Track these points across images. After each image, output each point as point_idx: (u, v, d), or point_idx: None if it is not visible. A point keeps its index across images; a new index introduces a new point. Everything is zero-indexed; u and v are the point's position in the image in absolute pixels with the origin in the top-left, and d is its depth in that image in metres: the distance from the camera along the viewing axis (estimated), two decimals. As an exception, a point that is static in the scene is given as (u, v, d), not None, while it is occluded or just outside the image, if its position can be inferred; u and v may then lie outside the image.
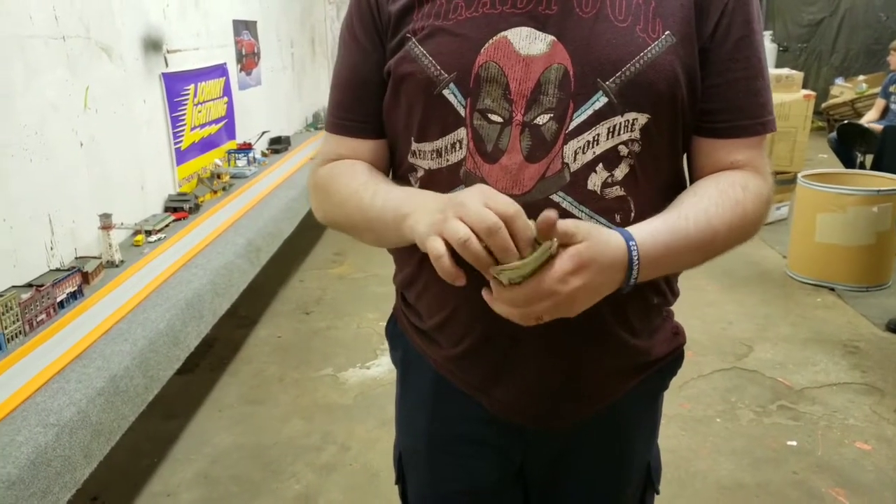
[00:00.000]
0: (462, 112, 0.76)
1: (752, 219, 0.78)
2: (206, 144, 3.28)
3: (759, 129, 0.80)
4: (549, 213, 0.63)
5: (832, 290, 3.50)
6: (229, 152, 3.52)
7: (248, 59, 3.85)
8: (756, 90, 0.79)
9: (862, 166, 4.96)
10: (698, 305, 3.31)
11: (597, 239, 0.67)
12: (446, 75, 0.75)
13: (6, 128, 1.91)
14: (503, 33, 0.74)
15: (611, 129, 0.74)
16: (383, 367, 2.76)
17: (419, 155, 0.80)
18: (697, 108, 0.78)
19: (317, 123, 5.09)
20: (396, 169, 0.86)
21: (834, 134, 5.35)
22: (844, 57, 9.01)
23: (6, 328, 1.69)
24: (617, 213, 0.76)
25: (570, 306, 0.68)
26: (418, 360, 0.94)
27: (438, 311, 0.86)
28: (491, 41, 0.74)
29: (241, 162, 3.56)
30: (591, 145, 0.74)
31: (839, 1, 9.21)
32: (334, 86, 0.89)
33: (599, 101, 0.73)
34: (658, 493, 1.01)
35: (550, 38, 0.73)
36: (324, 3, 5.73)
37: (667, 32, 0.73)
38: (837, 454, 2.20)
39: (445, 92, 0.76)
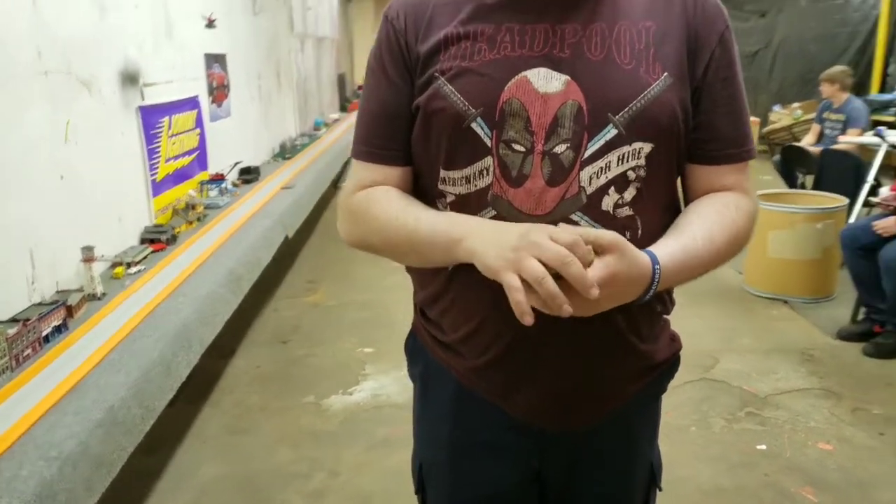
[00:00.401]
0: (489, 143, 0.84)
1: (745, 234, 0.90)
2: (180, 176, 3.30)
3: (744, 155, 0.91)
4: (612, 237, 0.75)
5: (785, 302, 3.69)
6: (202, 183, 3.54)
7: (218, 91, 3.88)
8: (740, 123, 0.90)
9: (803, 186, 5.25)
10: (664, 322, 3.44)
11: (629, 255, 0.76)
12: (474, 110, 0.84)
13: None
14: (523, 73, 0.83)
15: (620, 157, 0.83)
16: (366, 393, 2.80)
17: (448, 182, 0.88)
18: (691, 138, 0.89)
19: (284, 153, 5.13)
20: (424, 195, 0.93)
21: (778, 156, 5.65)
22: (780, 85, 9.49)
23: (-3, 363, 1.68)
24: (627, 230, 0.85)
25: (593, 308, 0.77)
26: (439, 372, 1.01)
27: (464, 325, 0.93)
28: (513, 80, 0.83)
29: (214, 192, 3.58)
30: (603, 171, 0.83)
31: (773, 33, 9.74)
32: (363, 115, 0.96)
33: (610, 132, 0.82)
34: (661, 490, 1.09)
35: (565, 77, 0.83)
36: (288, 37, 5.80)
37: (665, 74, 0.84)
38: (803, 455, 2.33)
39: (473, 125, 0.84)
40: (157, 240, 2.78)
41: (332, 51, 8.53)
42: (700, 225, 0.86)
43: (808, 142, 5.45)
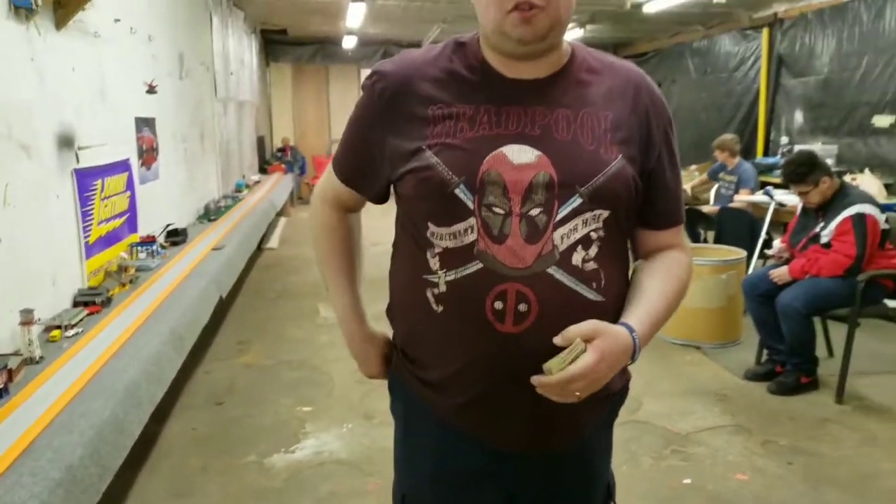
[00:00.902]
0: (471, 206, 0.99)
1: (687, 283, 1.11)
2: (111, 238, 3.27)
3: (680, 221, 1.13)
4: (592, 325, 0.95)
5: (698, 348, 3.99)
6: (132, 245, 3.50)
7: (148, 154, 3.89)
8: (678, 196, 1.12)
9: (705, 240, 5.71)
10: (589, 370, 3.64)
11: (611, 333, 0.95)
12: (457, 179, 0.99)
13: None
14: (500, 149, 0.99)
15: (584, 221, 1.00)
16: (308, 450, 2.81)
17: (437, 236, 1.01)
18: (642, 209, 1.08)
19: (209, 215, 5.12)
20: (416, 242, 1.05)
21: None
22: (678, 148, 10.29)
23: (-57, 428, 1.64)
24: (594, 282, 1.01)
25: (599, 383, 0.95)
26: (420, 408, 1.12)
27: (448, 366, 1.05)
28: (491, 154, 0.99)
29: (143, 255, 3.54)
30: (572, 232, 1.00)
31: (670, 102, 10.58)
32: (345, 143, 1.16)
33: (577, 201, 0.99)
34: (615, 505, 1.23)
35: (538, 152, 0.99)
36: (212, 101, 5.86)
37: (620, 156, 1.02)
38: (724, 486, 2.53)
39: (457, 191, 0.99)
40: (92, 302, 2.74)
41: (252, 114, 8.61)
42: (656, 287, 1.06)
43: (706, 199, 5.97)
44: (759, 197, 5.13)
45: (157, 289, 3.10)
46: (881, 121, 6.63)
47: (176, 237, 4.15)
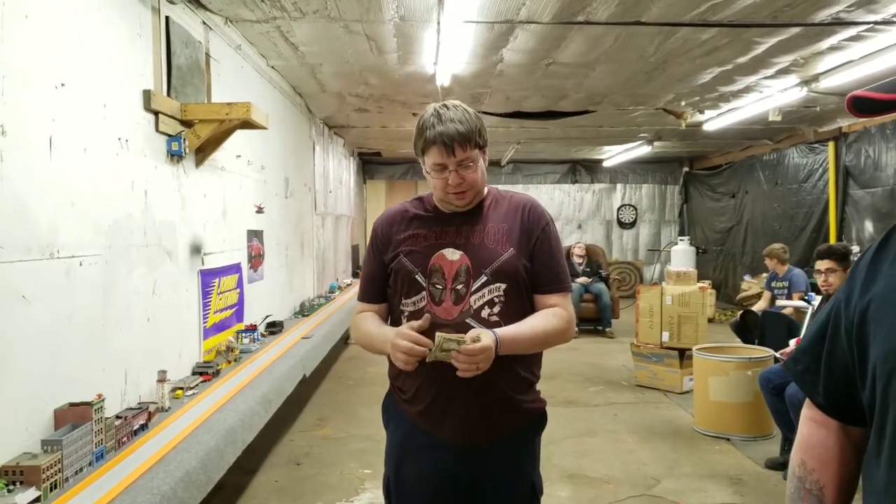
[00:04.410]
0: (424, 284, 1.68)
1: (560, 327, 1.69)
2: (223, 325, 4.12)
3: (561, 288, 1.74)
4: (477, 330, 1.55)
5: (728, 439, 4.31)
6: (238, 332, 4.35)
7: (255, 259, 4.83)
8: (558, 270, 1.74)
9: (754, 342, 5.99)
10: (620, 453, 4.07)
11: (486, 335, 1.56)
12: (417, 269, 1.68)
13: (112, 309, 2.75)
14: (440, 251, 1.69)
15: (490, 290, 1.66)
16: (363, 501, 3.40)
17: (406, 304, 1.70)
18: (531, 281, 1.71)
19: (303, 311, 5.99)
20: (394, 311, 1.75)
21: (735, 319, 6.45)
22: (752, 258, 10.42)
23: (107, 443, 2.40)
24: (495, 328, 1.64)
25: (487, 361, 1.54)
26: (399, 415, 1.77)
27: (412, 387, 1.71)
28: (435, 255, 1.69)
29: (246, 340, 4.38)
30: (481, 297, 1.66)
31: (742, 212, 10.91)
32: (363, 277, 1.85)
33: (483, 278, 1.66)
34: (539, 504, 1.79)
35: (461, 252, 1.68)
36: (312, 215, 6.92)
37: (511, 249, 1.69)
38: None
39: (417, 276, 1.68)
40: (206, 372, 3.55)
41: (347, 226, 9.73)
42: (528, 320, 1.67)
43: (759, 307, 6.28)
44: (798, 302, 5.45)
45: (255, 366, 3.89)
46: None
47: (273, 328, 5.00)
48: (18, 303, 2.15)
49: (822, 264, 3.90)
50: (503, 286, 1.66)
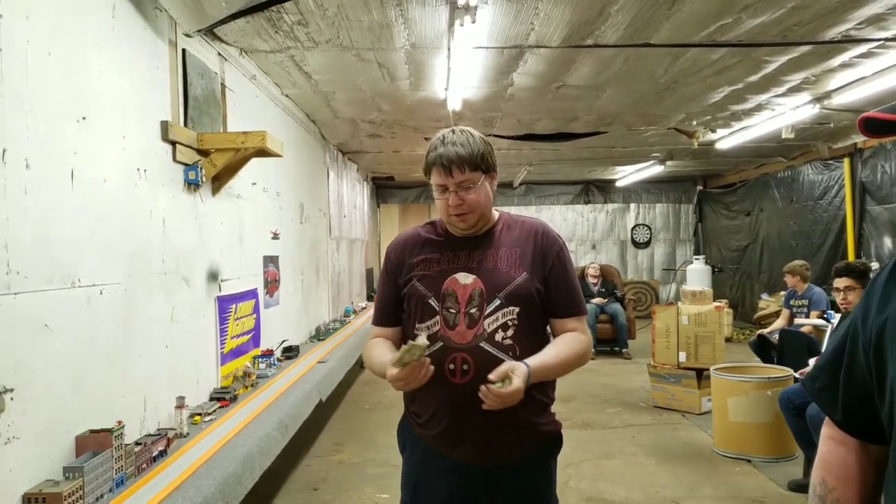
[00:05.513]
0: (437, 308, 1.69)
1: (581, 350, 1.71)
2: (240, 350, 4.16)
3: (578, 312, 1.75)
4: (508, 365, 1.55)
5: (749, 461, 4.25)
6: (255, 357, 4.38)
7: (271, 284, 4.87)
8: (575, 294, 1.76)
9: (773, 361, 5.92)
10: (639, 475, 4.03)
11: (519, 373, 1.55)
12: (431, 294, 1.70)
13: (132, 337, 2.79)
14: (453, 276, 1.71)
15: (503, 314, 1.67)
16: (381, 526, 3.39)
17: (419, 329, 1.72)
18: (548, 305, 1.72)
19: (319, 335, 6.02)
20: (409, 335, 1.76)
21: (754, 338, 6.39)
22: (770, 276, 10.32)
23: (127, 469, 2.42)
24: (510, 351, 1.66)
25: (515, 400, 1.55)
26: (414, 439, 1.78)
27: (427, 411, 1.72)
28: (448, 279, 1.71)
29: (263, 365, 4.40)
30: (495, 321, 1.67)
31: (758, 230, 10.84)
32: (377, 301, 1.86)
33: (497, 302, 1.67)
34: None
35: (473, 276, 1.70)
36: (327, 240, 6.98)
37: (524, 272, 1.70)
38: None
39: (430, 300, 1.70)
40: (223, 398, 3.57)
41: (361, 250, 9.78)
42: (553, 348, 1.69)
43: (778, 325, 6.22)
44: (817, 321, 5.39)
45: (272, 391, 3.90)
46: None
47: (290, 352, 5.02)
48: (41, 331, 2.19)
49: (840, 282, 3.87)
50: (517, 309, 1.68)
